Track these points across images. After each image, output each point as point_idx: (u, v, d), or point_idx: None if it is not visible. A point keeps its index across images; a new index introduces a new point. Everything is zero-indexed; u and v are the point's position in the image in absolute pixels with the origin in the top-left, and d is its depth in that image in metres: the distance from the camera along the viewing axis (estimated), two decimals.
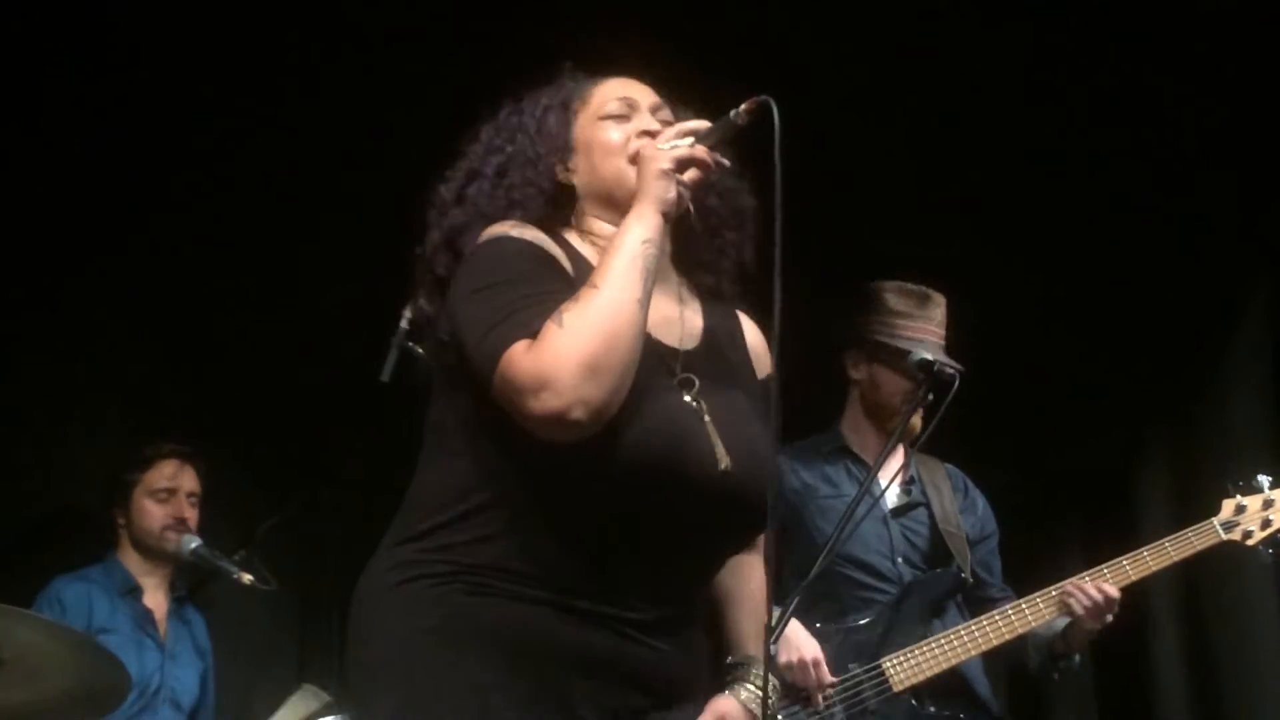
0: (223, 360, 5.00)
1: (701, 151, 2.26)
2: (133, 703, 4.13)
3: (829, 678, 3.71)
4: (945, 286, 4.04)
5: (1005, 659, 4.02)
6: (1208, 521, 3.88)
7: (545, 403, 2.06)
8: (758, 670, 2.39)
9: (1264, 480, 3.88)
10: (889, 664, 3.77)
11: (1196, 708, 5.07)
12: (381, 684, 2.19)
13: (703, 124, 2.30)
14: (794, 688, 3.70)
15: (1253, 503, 3.86)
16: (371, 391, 3.81)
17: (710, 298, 2.47)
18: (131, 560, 4.54)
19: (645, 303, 2.15)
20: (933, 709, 3.82)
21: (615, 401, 2.09)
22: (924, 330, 3.94)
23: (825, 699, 3.70)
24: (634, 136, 2.39)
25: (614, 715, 2.20)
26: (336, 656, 5.29)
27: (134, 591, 4.49)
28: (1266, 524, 3.84)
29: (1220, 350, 5.11)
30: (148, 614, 4.50)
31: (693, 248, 2.43)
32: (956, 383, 3.66)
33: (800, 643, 3.68)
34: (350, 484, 5.11)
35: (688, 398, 2.25)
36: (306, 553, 5.12)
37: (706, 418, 2.23)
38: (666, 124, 2.40)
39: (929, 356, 3.75)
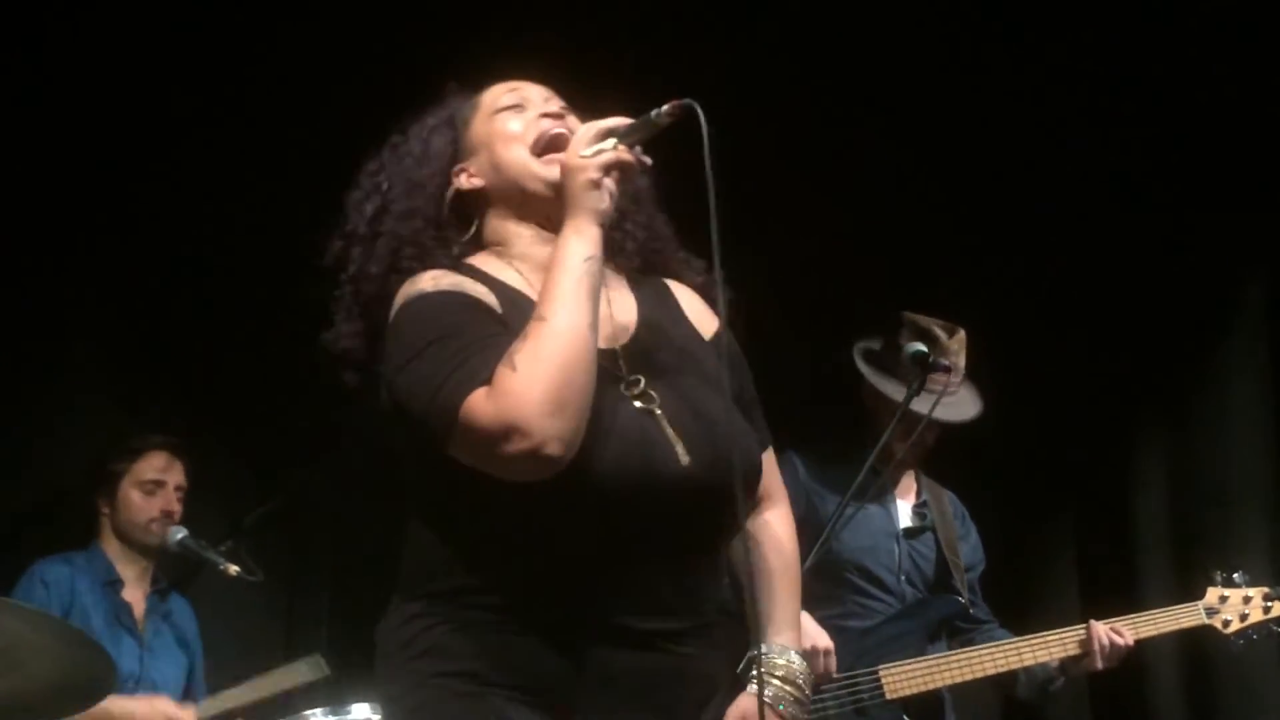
0: (210, 347, 4.98)
1: (626, 154, 2.20)
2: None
3: (835, 670, 3.74)
4: (937, 290, 4.04)
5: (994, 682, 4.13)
6: (1194, 604, 4.18)
7: (516, 445, 2.02)
8: (785, 661, 2.34)
9: (1241, 578, 4.22)
10: (886, 671, 3.86)
11: (1191, 711, 5.09)
12: None
13: (620, 121, 2.23)
14: None
15: (1234, 595, 4.20)
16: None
17: (635, 276, 2.42)
18: (113, 551, 4.51)
19: (596, 325, 2.11)
20: None
21: (582, 428, 2.06)
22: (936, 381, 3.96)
23: (832, 683, 3.76)
24: (535, 121, 2.35)
25: None
26: (325, 649, 5.29)
27: (114, 584, 4.47)
28: (1243, 617, 4.18)
29: (1215, 350, 5.12)
30: (126, 607, 4.47)
31: (605, 239, 2.32)
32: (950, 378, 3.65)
33: (814, 632, 3.69)
34: (340, 475, 5.09)
35: (637, 402, 2.20)
36: (294, 544, 5.09)
37: (658, 411, 2.19)
38: (563, 110, 2.37)
39: (924, 349, 3.74)
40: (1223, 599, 4.16)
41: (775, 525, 2.42)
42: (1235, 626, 4.17)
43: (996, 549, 4.35)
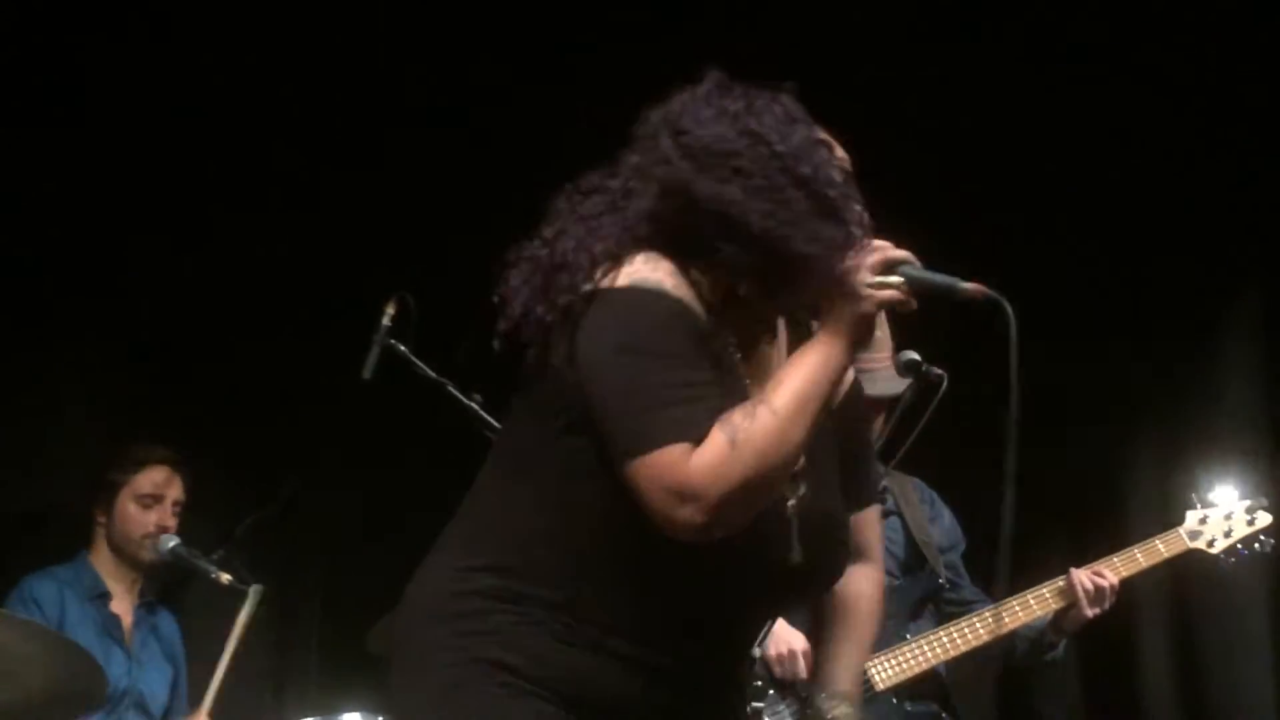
0: (204, 356, 4.95)
1: (910, 302, 2.09)
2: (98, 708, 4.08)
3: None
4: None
5: (989, 652, 4.06)
6: (1174, 530, 4.05)
7: (688, 514, 1.99)
8: (840, 709, 2.35)
9: (1224, 493, 4.10)
10: (870, 665, 3.77)
11: (1182, 707, 5.09)
12: (430, 708, 2.16)
13: (910, 258, 2.08)
14: (782, 682, 3.71)
15: (1213, 514, 4.07)
16: (354, 389, 3.79)
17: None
18: (103, 563, 4.49)
19: (807, 445, 2.06)
20: (909, 708, 3.87)
21: (743, 523, 2.04)
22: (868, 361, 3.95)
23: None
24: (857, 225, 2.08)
25: None
26: (315, 658, 5.27)
27: (102, 597, 4.45)
28: (1228, 533, 4.05)
29: (1210, 345, 5.13)
30: (114, 619, 4.45)
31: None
32: (944, 385, 3.64)
33: (788, 636, 3.67)
34: (331, 484, 5.08)
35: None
36: (286, 553, 5.08)
37: (792, 502, 2.15)
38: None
39: (916, 357, 3.73)
40: (1203, 520, 4.06)
41: (860, 581, 2.41)
42: (1222, 545, 4.05)
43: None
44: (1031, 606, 3.91)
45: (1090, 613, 3.92)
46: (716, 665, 2.23)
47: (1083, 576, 3.91)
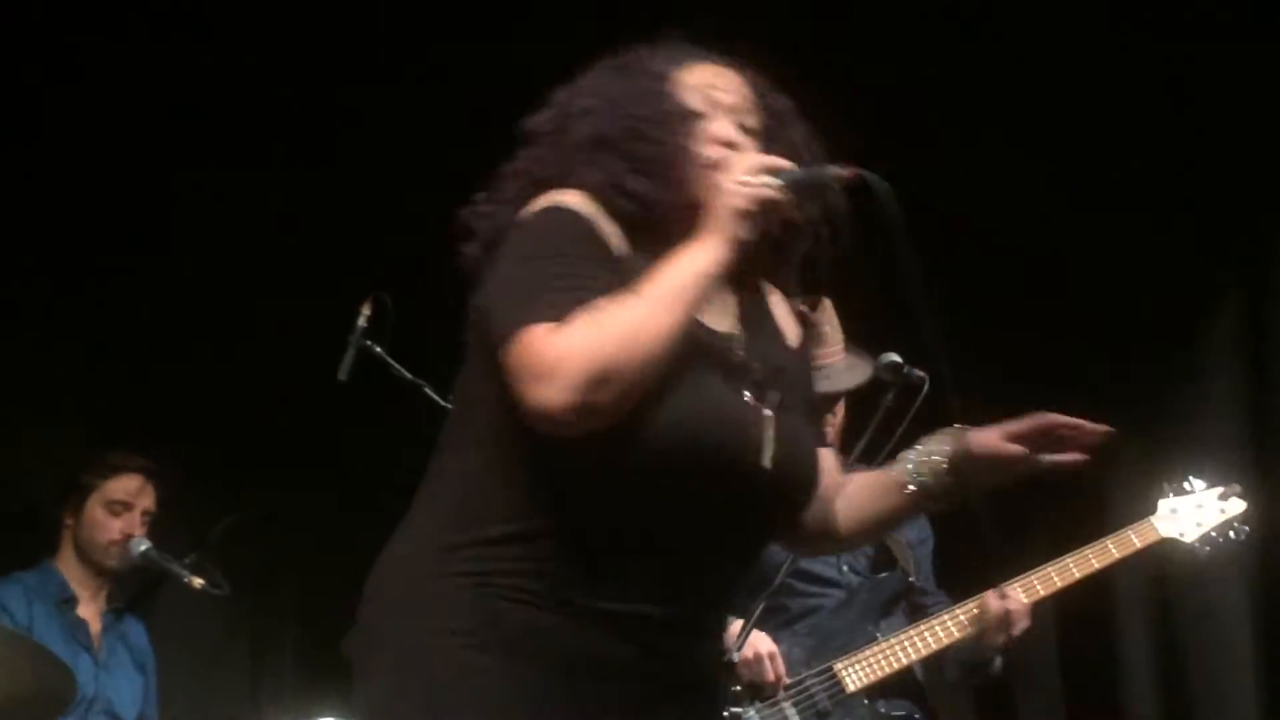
0: (178, 358, 4.93)
1: (785, 202, 2.15)
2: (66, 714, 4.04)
3: (784, 670, 3.69)
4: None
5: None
6: (1146, 520, 3.99)
7: (549, 394, 1.99)
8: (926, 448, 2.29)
9: (1196, 483, 4.04)
10: (841, 666, 3.76)
11: (1163, 706, 5.09)
12: (400, 684, 2.12)
13: (785, 164, 2.16)
14: (752, 685, 3.68)
15: (1186, 503, 4.02)
16: (329, 391, 3.76)
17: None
18: (70, 567, 4.45)
19: (679, 332, 2.06)
20: (883, 709, 3.84)
21: (610, 413, 2.01)
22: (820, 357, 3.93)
23: (784, 690, 3.69)
24: (710, 144, 2.22)
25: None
26: (290, 662, 5.24)
27: (68, 602, 4.41)
28: (1200, 522, 4.00)
29: (1191, 349, 5.14)
30: (81, 624, 4.41)
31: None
32: (925, 387, 3.62)
33: (754, 639, 3.64)
34: (306, 486, 5.05)
35: (747, 394, 2.17)
36: (260, 557, 5.05)
37: (768, 412, 2.16)
38: (750, 133, 2.25)
39: (898, 359, 3.71)
40: (1175, 510, 4.00)
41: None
42: (1195, 534, 4.00)
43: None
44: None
45: (997, 640, 3.76)
46: (691, 613, 2.16)
47: (984, 603, 3.75)
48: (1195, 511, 4.01)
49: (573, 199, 2.16)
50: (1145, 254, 5.02)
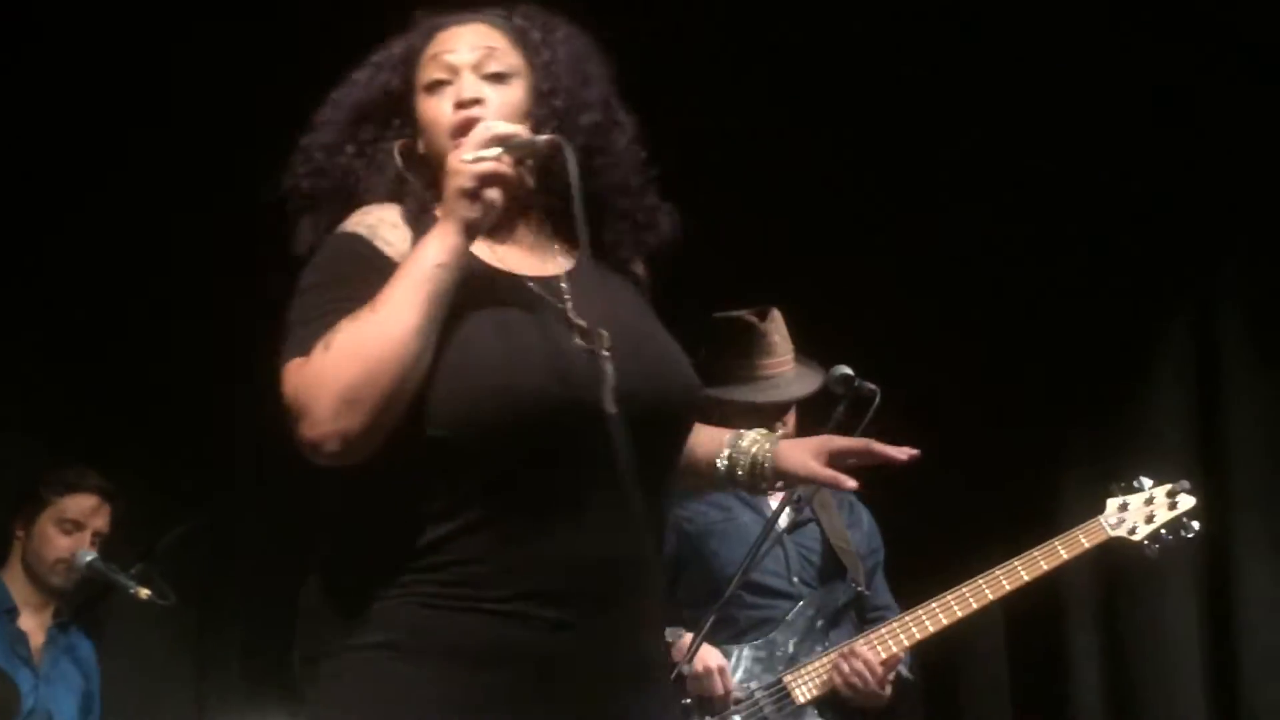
0: (127, 369, 4.89)
1: (507, 169, 2.09)
2: None
3: (734, 684, 3.70)
4: (866, 291, 4.01)
5: None
6: (1094, 520, 3.98)
7: (304, 432, 1.97)
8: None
9: (1145, 481, 4.04)
10: (790, 679, 3.76)
11: (1110, 704, 5.12)
12: (339, 705, 2.09)
13: (513, 131, 2.11)
14: (701, 699, 3.67)
15: (1134, 501, 4.01)
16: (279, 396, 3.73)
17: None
18: (15, 579, 4.41)
19: (426, 329, 2.01)
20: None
21: (376, 432, 1.98)
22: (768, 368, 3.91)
23: (734, 704, 3.69)
24: (454, 110, 2.19)
25: (588, 711, 2.09)
26: (237, 675, 5.20)
27: (9, 612, 4.36)
28: (1150, 519, 3.99)
29: (1144, 354, 5.17)
30: (21, 636, 4.36)
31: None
32: (877, 400, 3.62)
33: (703, 653, 3.64)
34: (252, 497, 5.01)
35: (579, 337, 2.11)
36: (206, 568, 5.01)
37: (605, 352, 2.09)
38: (494, 79, 2.22)
39: (849, 371, 3.71)
40: (1124, 508, 3.99)
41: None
42: (1144, 531, 3.98)
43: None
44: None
45: (856, 700, 3.75)
46: (610, 585, 2.08)
47: (843, 658, 3.74)
48: (1144, 509, 4.00)
49: (361, 216, 2.16)
50: (1095, 262, 5.07)
